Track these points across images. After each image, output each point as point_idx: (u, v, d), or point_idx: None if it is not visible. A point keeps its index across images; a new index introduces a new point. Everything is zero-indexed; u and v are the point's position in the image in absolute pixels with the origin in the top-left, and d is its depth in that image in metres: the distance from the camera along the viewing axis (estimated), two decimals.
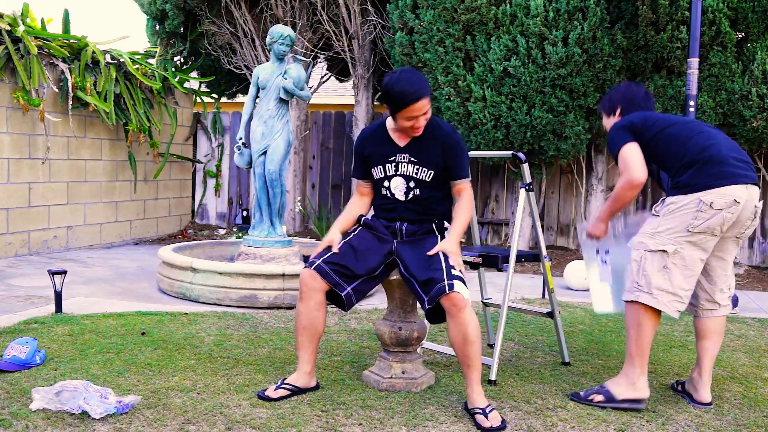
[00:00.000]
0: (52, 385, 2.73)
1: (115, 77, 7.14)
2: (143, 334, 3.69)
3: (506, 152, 3.46)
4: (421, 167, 2.90)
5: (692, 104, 5.15)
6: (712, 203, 2.73)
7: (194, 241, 7.30)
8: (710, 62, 6.37)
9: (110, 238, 7.69)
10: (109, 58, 7.32)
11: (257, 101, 5.29)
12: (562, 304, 4.97)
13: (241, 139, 5.29)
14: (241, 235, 7.83)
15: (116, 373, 3.02)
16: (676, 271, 2.78)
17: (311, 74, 8.40)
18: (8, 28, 6.25)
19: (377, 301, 4.96)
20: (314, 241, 6.68)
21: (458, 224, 2.90)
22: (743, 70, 6.45)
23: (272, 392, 2.81)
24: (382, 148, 2.95)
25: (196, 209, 9.34)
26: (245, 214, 9.01)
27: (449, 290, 2.67)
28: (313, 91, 7.95)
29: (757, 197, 2.84)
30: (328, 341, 3.75)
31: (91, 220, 7.39)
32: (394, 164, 2.93)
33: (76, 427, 2.43)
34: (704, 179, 2.77)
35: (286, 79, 5.14)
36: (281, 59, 5.20)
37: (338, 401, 2.78)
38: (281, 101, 5.18)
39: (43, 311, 4.14)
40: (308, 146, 9.04)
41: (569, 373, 3.33)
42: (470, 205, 2.95)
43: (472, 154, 3.35)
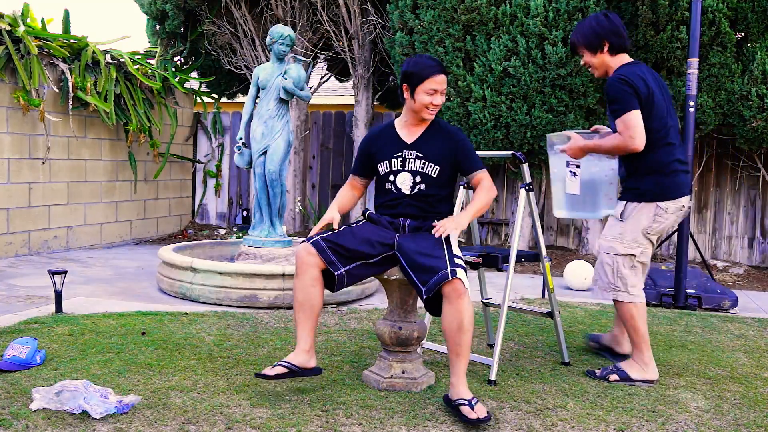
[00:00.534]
0: (52, 385, 2.73)
1: (115, 77, 7.14)
2: (143, 334, 3.69)
3: (506, 152, 3.46)
4: (428, 162, 2.96)
5: (692, 104, 5.15)
6: (667, 209, 3.20)
7: (194, 241, 7.30)
8: (710, 62, 6.37)
9: (110, 238, 7.69)
10: (109, 58, 7.32)
11: (257, 101, 5.30)
12: (562, 304, 4.98)
13: (241, 139, 5.30)
14: (241, 235, 7.84)
15: (116, 373, 3.03)
16: (639, 266, 3.27)
17: (311, 74, 8.40)
18: (8, 28, 6.25)
19: (377, 301, 4.97)
20: None
21: (473, 205, 2.94)
22: (743, 70, 6.45)
23: (269, 370, 2.75)
24: (389, 144, 3.03)
25: (196, 209, 9.35)
26: (245, 214, 9.01)
27: (452, 277, 2.68)
28: (313, 91, 7.95)
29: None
30: (328, 341, 3.76)
31: (91, 220, 7.39)
32: (401, 159, 2.99)
33: (76, 427, 2.43)
34: (656, 189, 3.20)
35: (286, 79, 5.14)
36: (281, 59, 5.20)
37: (338, 401, 2.79)
38: (281, 101, 5.18)
39: (43, 311, 4.14)
40: (308, 146, 9.04)
41: (569, 373, 3.33)
42: (489, 190, 2.98)
43: None
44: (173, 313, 4.24)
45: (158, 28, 8.58)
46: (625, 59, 3.30)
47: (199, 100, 9.10)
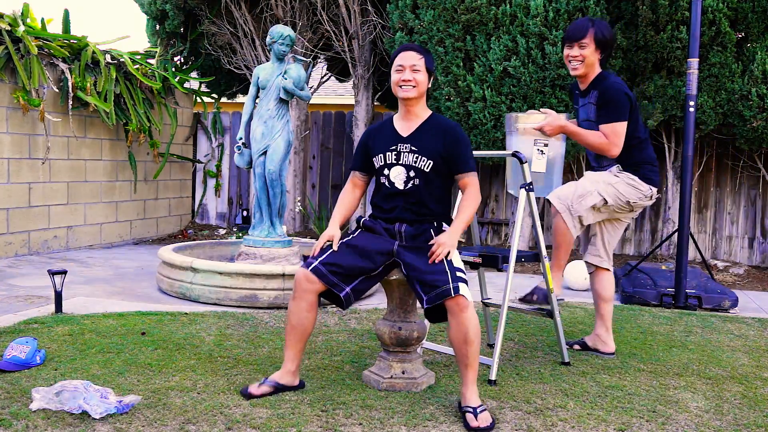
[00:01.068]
0: (52, 385, 2.73)
1: (115, 77, 7.14)
2: (143, 334, 3.69)
3: (507, 152, 3.46)
4: (421, 156, 2.94)
5: (692, 104, 5.15)
6: (652, 196, 3.60)
7: (194, 241, 7.30)
8: (710, 62, 6.37)
9: (110, 238, 7.69)
10: (109, 58, 7.32)
11: (257, 101, 5.30)
12: (561, 303, 4.97)
13: (241, 139, 5.29)
14: (241, 235, 7.84)
15: (116, 373, 3.03)
16: (591, 215, 3.53)
17: (311, 74, 8.40)
18: (8, 28, 6.25)
19: (377, 301, 4.97)
20: (314, 240, 6.68)
21: (460, 219, 2.91)
22: (743, 70, 6.45)
23: (255, 389, 2.84)
24: (386, 138, 3.03)
25: (196, 209, 9.34)
26: (245, 214, 9.01)
27: (455, 293, 2.69)
28: (313, 91, 7.95)
29: None
30: (328, 341, 3.76)
31: (91, 220, 7.39)
32: (395, 153, 2.98)
33: (76, 427, 2.43)
34: (653, 177, 3.60)
35: (286, 79, 5.14)
36: (281, 59, 5.20)
37: (338, 401, 2.79)
38: (281, 101, 5.18)
39: (43, 311, 4.14)
40: (308, 146, 9.04)
41: (569, 373, 3.33)
42: (474, 200, 2.96)
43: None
44: (173, 313, 4.24)
45: (158, 28, 8.58)
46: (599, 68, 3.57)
47: (199, 100, 9.10)
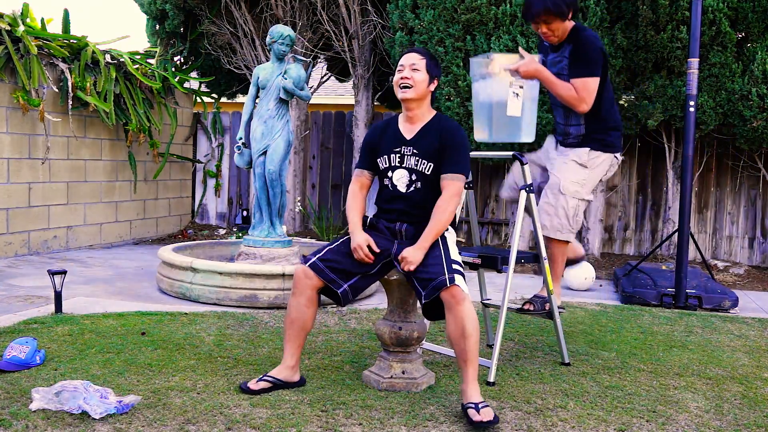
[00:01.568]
0: (52, 385, 2.73)
1: (115, 77, 7.14)
2: (143, 334, 3.69)
3: (507, 153, 3.45)
4: (421, 159, 2.94)
5: (692, 104, 5.15)
6: (619, 162, 3.60)
7: (194, 241, 7.30)
8: (710, 62, 6.37)
9: (110, 238, 7.68)
10: (109, 58, 7.32)
11: (257, 101, 5.29)
12: (563, 314, 4.97)
13: (241, 139, 5.29)
14: (241, 235, 7.83)
15: (116, 373, 3.02)
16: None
17: (311, 74, 8.39)
18: (8, 28, 6.25)
19: (377, 301, 4.96)
20: (314, 240, 6.68)
21: (428, 230, 2.83)
22: (743, 70, 6.45)
23: (254, 384, 2.86)
24: (391, 139, 3.02)
25: (196, 209, 9.34)
26: (245, 214, 9.00)
27: (450, 284, 2.68)
28: (313, 91, 7.94)
29: None
30: (328, 341, 3.76)
31: (91, 220, 7.39)
32: (399, 155, 2.98)
33: (76, 427, 2.43)
34: (618, 143, 3.56)
35: (286, 79, 5.14)
36: (281, 59, 5.20)
37: (338, 401, 2.78)
38: (281, 101, 5.18)
39: (43, 311, 4.14)
40: (308, 146, 9.04)
41: (569, 373, 3.33)
42: (446, 206, 2.84)
43: (472, 154, 3.34)
44: (173, 313, 4.24)
45: (158, 27, 8.57)
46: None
47: (198, 100, 9.10)
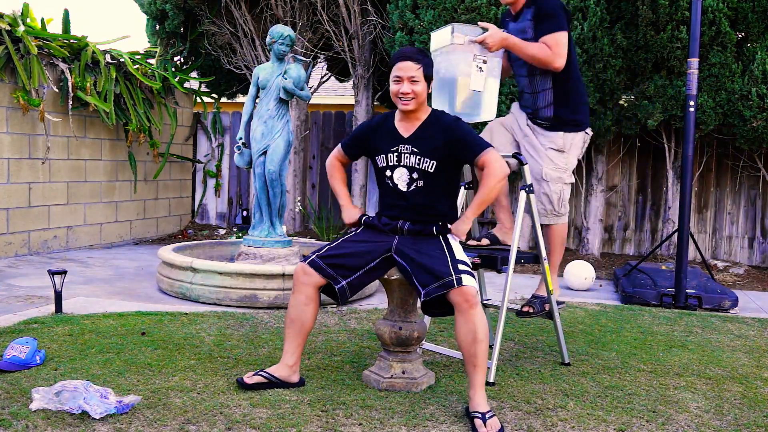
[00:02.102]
0: (52, 385, 2.73)
1: (115, 77, 7.14)
2: (143, 334, 3.69)
3: (507, 153, 3.45)
4: (423, 158, 2.90)
5: (692, 104, 5.15)
6: (590, 136, 3.55)
7: (194, 241, 7.30)
8: (710, 62, 6.37)
9: (110, 238, 7.68)
10: (109, 58, 7.32)
11: (257, 101, 5.30)
12: (562, 308, 4.96)
13: (241, 139, 5.29)
14: (241, 235, 7.83)
15: (116, 373, 3.02)
16: None
17: (311, 74, 8.39)
18: (8, 28, 6.25)
19: (377, 301, 4.96)
20: (314, 241, 6.68)
21: (474, 202, 2.88)
22: (743, 70, 6.45)
23: (249, 378, 2.86)
24: (387, 138, 2.98)
25: (196, 209, 9.34)
26: (245, 214, 9.01)
27: (458, 284, 2.66)
28: (313, 91, 7.95)
29: None
30: (328, 341, 3.76)
31: (91, 220, 7.39)
32: (396, 154, 2.94)
33: (76, 427, 2.43)
34: (587, 118, 3.50)
35: (286, 79, 5.14)
36: (281, 59, 5.20)
37: (338, 401, 2.78)
38: (281, 101, 5.18)
39: (43, 311, 4.14)
40: (308, 146, 9.04)
41: (569, 373, 3.33)
42: (491, 175, 2.81)
43: None
44: (173, 313, 4.24)
45: (158, 27, 8.57)
46: None
47: (198, 100, 9.10)
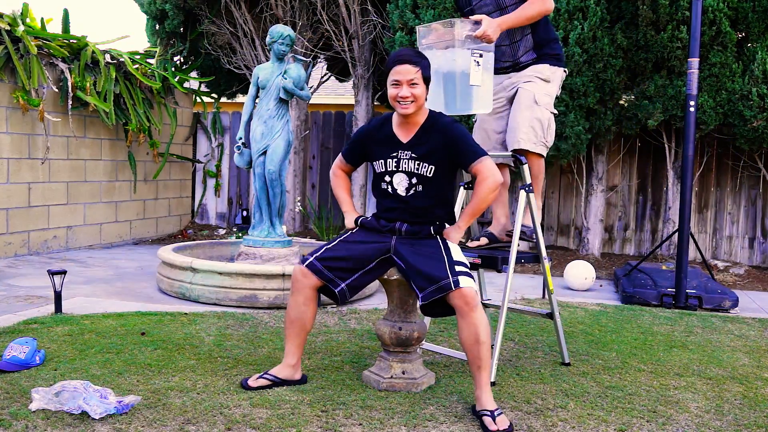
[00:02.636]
0: (51, 385, 2.73)
1: (114, 77, 7.14)
2: (143, 334, 3.69)
3: (506, 153, 3.45)
4: (422, 163, 2.88)
5: (692, 104, 5.15)
6: (566, 75, 3.55)
7: (194, 241, 7.30)
8: (710, 62, 6.37)
9: (110, 238, 7.68)
10: (108, 58, 7.31)
11: (257, 101, 5.29)
12: (561, 304, 4.97)
13: (241, 139, 5.29)
14: (241, 235, 7.83)
15: (116, 373, 3.02)
16: None
17: (311, 74, 8.39)
18: (8, 28, 6.25)
19: (377, 301, 4.96)
20: (314, 241, 6.68)
21: (466, 211, 2.89)
22: (743, 70, 6.45)
23: (253, 381, 2.90)
24: (385, 143, 2.95)
25: (196, 209, 9.34)
26: (245, 214, 9.00)
27: (455, 287, 2.66)
28: (313, 91, 7.94)
29: None
30: (328, 341, 3.75)
31: (90, 220, 7.39)
32: (395, 160, 2.92)
33: (76, 427, 2.43)
34: (563, 58, 3.53)
35: (286, 78, 5.14)
36: (281, 59, 5.20)
37: (338, 401, 2.78)
38: (281, 101, 5.18)
39: (42, 311, 4.13)
40: (308, 146, 9.04)
41: (569, 373, 3.33)
42: (484, 182, 2.79)
43: None
44: (173, 313, 4.23)
45: (158, 27, 8.57)
46: None
47: (198, 99, 9.10)
